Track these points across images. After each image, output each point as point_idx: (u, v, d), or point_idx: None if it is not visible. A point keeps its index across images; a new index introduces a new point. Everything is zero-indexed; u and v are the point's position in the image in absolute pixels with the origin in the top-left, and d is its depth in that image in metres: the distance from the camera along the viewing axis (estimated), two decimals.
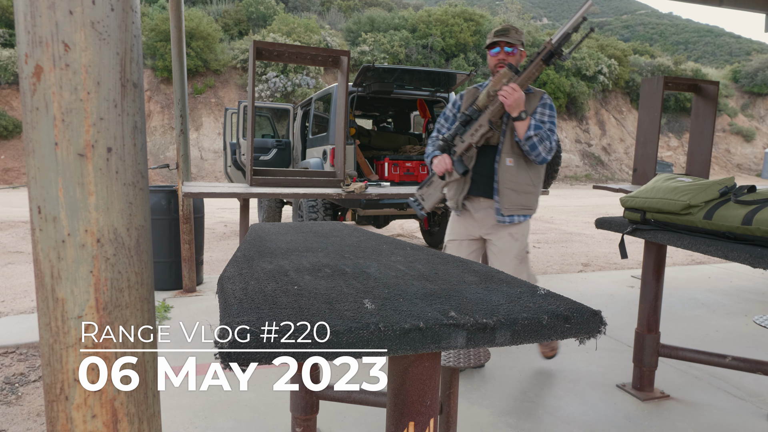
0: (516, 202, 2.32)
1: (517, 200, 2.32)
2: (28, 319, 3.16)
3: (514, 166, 2.28)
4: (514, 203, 2.32)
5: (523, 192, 2.33)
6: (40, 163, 0.53)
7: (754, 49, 50.87)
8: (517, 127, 2.17)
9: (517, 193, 2.31)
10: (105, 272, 0.55)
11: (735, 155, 28.11)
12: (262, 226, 1.52)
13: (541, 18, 71.97)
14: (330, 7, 28.24)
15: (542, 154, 2.19)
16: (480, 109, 2.16)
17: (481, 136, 2.17)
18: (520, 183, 2.32)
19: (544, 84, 24.39)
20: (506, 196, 2.30)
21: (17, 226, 7.51)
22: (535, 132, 2.15)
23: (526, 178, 2.33)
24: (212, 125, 19.23)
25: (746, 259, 1.41)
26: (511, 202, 2.31)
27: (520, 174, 2.31)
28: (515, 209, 2.33)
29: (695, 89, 4.36)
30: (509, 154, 2.28)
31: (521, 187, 2.32)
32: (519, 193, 2.32)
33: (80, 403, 0.55)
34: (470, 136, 2.18)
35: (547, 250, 6.41)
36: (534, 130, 2.15)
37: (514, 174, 2.29)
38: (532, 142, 2.16)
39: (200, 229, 4.08)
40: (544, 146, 2.18)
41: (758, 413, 2.10)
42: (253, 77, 3.37)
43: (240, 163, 7.11)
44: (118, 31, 0.54)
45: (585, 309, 0.70)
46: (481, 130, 2.16)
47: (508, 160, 2.28)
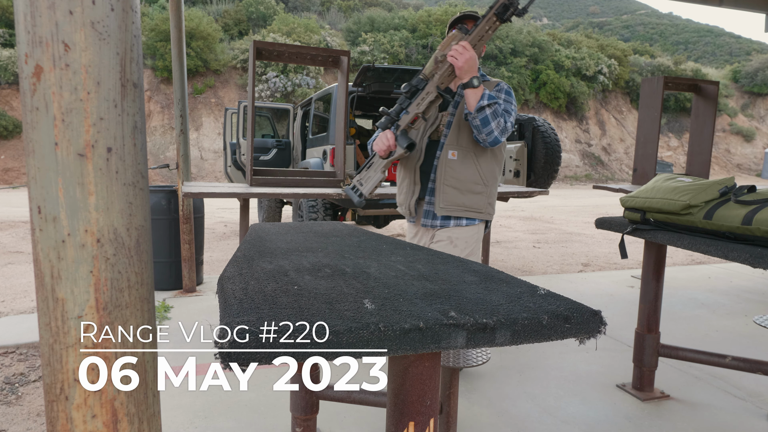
0: (455, 202, 1.97)
1: (458, 200, 1.97)
2: (28, 319, 3.16)
3: (458, 160, 1.96)
4: (453, 202, 1.97)
5: (468, 191, 1.98)
6: (40, 163, 0.53)
7: (754, 49, 50.89)
8: (468, 96, 1.82)
9: (459, 191, 1.97)
10: (105, 272, 0.55)
11: (735, 155, 28.11)
12: (262, 226, 1.52)
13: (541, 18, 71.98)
14: (330, 7, 28.24)
15: (495, 132, 1.84)
16: (427, 77, 1.83)
17: (429, 105, 1.83)
18: (465, 180, 1.96)
19: (545, 84, 24.42)
20: (444, 194, 1.97)
21: (17, 226, 7.51)
22: (488, 102, 1.80)
23: (473, 175, 1.97)
24: (212, 125, 19.23)
25: (746, 259, 1.41)
26: (447, 201, 1.97)
27: (466, 169, 1.96)
28: (453, 209, 1.98)
29: (695, 89, 4.36)
30: (453, 146, 1.96)
31: (465, 185, 1.97)
32: (462, 192, 1.97)
33: (80, 403, 0.55)
34: (416, 107, 1.84)
35: (547, 250, 6.41)
36: (488, 100, 1.81)
37: (457, 169, 1.96)
38: (484, 114, 1.80)
39: (200, 229, 4.08)
40: (498, 123, 1.83)
41: (758, 413, 2.10)
42: (253, 77, 3.37)
43: (240, 163, 7.12)
44: (118, 31, 0.54)
45: (585, 309, 0.70)
46: (429, 97, 1.82)
47: (451, 153, 1.96)
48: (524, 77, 24.11)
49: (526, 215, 10.50)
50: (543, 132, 5.29)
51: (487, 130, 1.83)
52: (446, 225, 2.00)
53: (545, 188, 4.93)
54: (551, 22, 67.42)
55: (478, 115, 1.81)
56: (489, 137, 1.85)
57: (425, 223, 2.03)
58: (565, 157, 22.81)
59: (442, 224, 2.01)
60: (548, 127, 5.35)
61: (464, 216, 1.99)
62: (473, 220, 2.01)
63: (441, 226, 2.01)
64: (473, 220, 2.01)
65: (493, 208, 2.07)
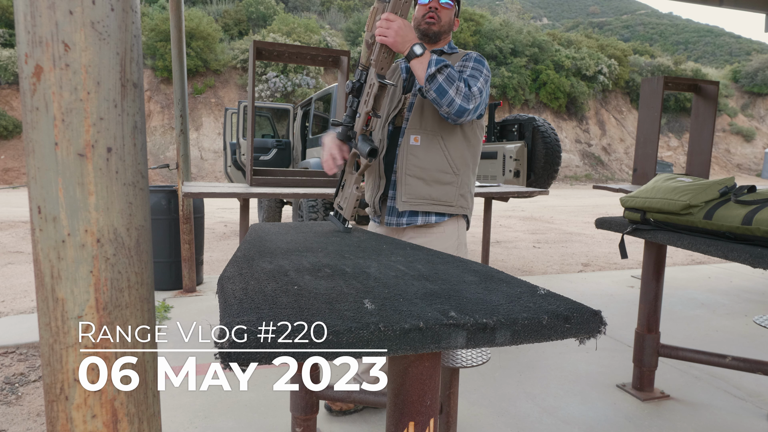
0: (419, 194, 1.71)
1: (423, 191, 1.71)
2: (28, 319, 3.16)
3: (421, 146, 1.70)
4: (416, 195, 1.71)
5: (435, 181, 1.72)
6: (40, 163, 0.53)
7: (754, 49, 50.90)
8: (415, 69, 1.55)
9: (424, 182, 1.71)
10: (105, 272, 0.55)
11: (735, 155, 28.12)
12: (262, 226, 1.52)
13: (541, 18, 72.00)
14: (330, 7, 28.25)
15: (456, 100, 1.54)
16: (365, 67, 1.55)
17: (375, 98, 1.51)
18: (430, 169, 1.70)
19: (545, 84, 24.42)
20: (407, 185, 1.71)
21: (17, 226, 7.51)
22: (437, 67, 1.52)
23: (440, 162, 1.71)
24: (212, 125, 19.23)
25: (746, 259, 1.41)
26: (410, 193, 1.71)
27: (431, 156, 1.70)
28: (417, 203, 1.72)
29: (695, 89, 4.36)
30: (415, 130, 1.71)
31: (431, 175, 1.71)
32: (428, 182, 1.71)
33: (80, 403, 0.55)
34: (364, 105, 1.54)
35: (547, 250, 6.41)
36: (436, 65, 1.52)
37: (421, 156, 1.70)
38: (437, 83, 1.52)
39: (200, 229, 4.08)
40: (458, 89, 1.55)
41: (758, 413, 2.10)
42: (253, 77, 3.37)
43: (240, 163, 7.12)
44: (118, 31, 0.54)
45: (585, 309, 0.70)
46: (372, 90, 1.51)
47: (413, 138, 1.71)
48: (524, 77, 24.10)
49: (526, 215, 10.50)
50: (543, 132, 5.29)
51: (446, 101, 1.54)
52: (413, 222, 1.75)
53: (545, 188, 4.93)
54: (551, 22, 67.41)
55: (431, 86, 1.53)
56: (452, 108, 1.56)
57: (389, 221, 1.77)
58: (565, 157, 22.81)
59: (408, 221, 1.75)
60: (548, 127, 5.35)
61: (432, 211, 1.73)
62: (443, 216, 1.76)
63: (407, 224, 1.75)
64: (443, 216, 1.76)
65: (467, 201, 1.80)
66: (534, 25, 33.44)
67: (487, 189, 3.44)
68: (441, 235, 1.77)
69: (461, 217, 1.82)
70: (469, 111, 1.59)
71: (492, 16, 27.41)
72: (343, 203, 1.58)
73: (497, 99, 23.13)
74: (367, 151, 1.49)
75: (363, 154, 1.50)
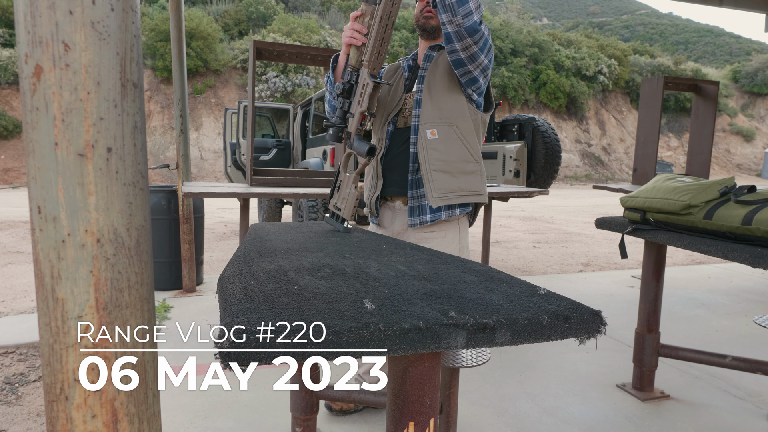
0: (449, 188, 1.70)
1: (452, 185, 1.70)
2: (28, 319, 3.16)
3: (439, 138, 1.68)
4: (447, 189, 1.69)
5: (461, 172, 1.71)
6: (40, 163, 0.53)
7: (754, 49, 50.92)
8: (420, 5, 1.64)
9: (450, 175, 1.70)
10: (105, 272, 0.55)
11: (735, 155, 28.12)
12: (262, 226, 1.52)
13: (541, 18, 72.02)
14: (330, 7, 28.25)
15: (474, 14, 1.49)
16: (355, 68, 1.52)
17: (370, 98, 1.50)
18: (454, 161, 1.69)
19: (545, 84, 24.42)
20: (434, 181, 1.68)
21: (17, 226, 7.51)
22: None
23: (462, 153, 1.70)
24: (212, 125, 19.24)
25: (746, 259, 1.41)
26: (441, 188, 1.69)
27: (451, 148, 1.68)
28: (450, 197, 1.69)
29: (695, 89, 4.36)
30: (430, 124, 1.68)
31: (457, 166, 1.70)
32: (454, 174, 1.70)
33: (80, 403, 0.55)
34: (357, 105, 1.52)
35: (547, 250, 6.41)
36: None
37: (442, 150, 1.68)
38: None
39: (200, 229, 4.08)
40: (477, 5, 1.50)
41: (758, 413, 2.10)
42: (253, 77, 3.37)
43: (240, 163, 7.12)
44: (118, 31, 0.54)
45: (585, 309, 0.70)
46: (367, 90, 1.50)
47: (430, 132, 1.68)
48: (524, 77, 24.10)
49: (526, 215, 10.50)
50: (543, 132, 5.29)
51: (464, 10, 1.47)
52: (438, 218, 1.73)
53: (545, 188, 4.93)
54: (551, 22, 67.41)
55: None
56: (467, 20, 1.47)
57: (413, 222, 1.75)
58: (565, 157, 22.82)
59: (432, 218, 1.73)
60: (548, 127, 5.35)
61: (463, 202, 1.72)
62: (466, 206, 1.75)
63: (432, 221, 1.73)
64: (466, 206, 1.75)
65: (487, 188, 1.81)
66: (534, 25, 33.45)
67: (487, 189, 3.44)
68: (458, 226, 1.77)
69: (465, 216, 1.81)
70: (480, 33, 1.52)
71: (492, 16, 27.42)
72: (340, 204, 1.57)
73: (497, 99, 23.14)
74: (366, 150, 1.48)
75: (361, 154, 1.49)
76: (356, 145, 1.51)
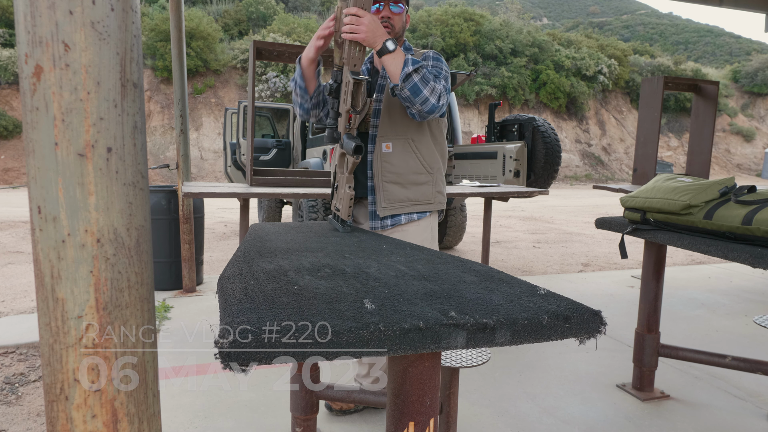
0: (398, 198, 1.80)
1: (401, 195, 1.80)
2: (28, 319, 3.16)
3: (394, 152, 1.76)
4: (396, 199, 1.79)
5: (412, 183, 1.80)
6: (40, 163, 0.53)
7: (754, 49, 50.94)
8: (388, 65, 1.56)
9: (401, 186, 1.79)
10: (105, 272, 0.55)
11: (735, 155, 28.12)
12: (262, 226, 1.52)
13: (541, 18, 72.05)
14: (330, 7, 28.24)
15: (430, 99, 1.58)
16: (339, 67, 1.54)
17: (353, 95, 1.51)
18: (406, 173, 1.79)
19: (545, 84, 24.42)
20: (385, 191, 1.78)
21: (17, 226, 7.51)
22: (414, 67, 1.55)
23: (414, 164, 1.79)
24: (212, 125, 19.24)
25: (746, 259, 1.41)
26: (390, 198, 1.79)
27: (405, 161, 1.78)
28: (398, 207, 1.80)
29: (695, 89, 4.36)
30: (386, 137, 1.76)
31: (408, 178, 1.79)
32: (405, 185, 1.80)
33: (80, 403, 0.55)
34: (343, 104, 1.54)
35: (547, 250, 6.41)
36: (413, 64, 1.55)
37: (395, 162, 1.77)
38: (412, 82, 1.55)
39: (200, 229, 4.08)
40: (432, 89, 1.59)
41: (758, 413, 2.10)
42: (253, 77, 3.37)
43: (240, 163, 7.12)
44: (118, 31, 0.54)
45: (585, 309, 0.70)
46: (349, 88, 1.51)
47: (385, 146, 1.76)
48: (524, 77, 24.11)
49: (526, 215, 10.50)
50: (543, 132, 5.29)
51: (420, 99, 1.58)
52: (398, 223, 1.82)
53: (545, 188, 4.93)
54: (551, 22, 67.45)
55: (405, 85, 1.56)
56: (425, 106, 1.60)
57: (374, 225, 1.83)
58: (565, 157, 22.82)
59: (393, 222, 1.81)
60: (548, 127, 5.35)
61: (413, 211, 1.82)
62: (424, 213, 1.85)
63: (392, 224, 1.81)
64: (424, 213, 1.85)
65: (443, 196, 1.89)
66: (534, 25, 33.43)
67: (487, 189, 3.44)
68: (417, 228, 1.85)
69: (435, 212, 1.91)
70: (439, 108, 1.63)
71: (492, 16, 27.42)
72: (339, 204, 1.60)
73: (497, 99, 23.13)
74: (353, 149, 1.48)
75: (349, 152, 1.50)
76: (345, 144, 1.52)
